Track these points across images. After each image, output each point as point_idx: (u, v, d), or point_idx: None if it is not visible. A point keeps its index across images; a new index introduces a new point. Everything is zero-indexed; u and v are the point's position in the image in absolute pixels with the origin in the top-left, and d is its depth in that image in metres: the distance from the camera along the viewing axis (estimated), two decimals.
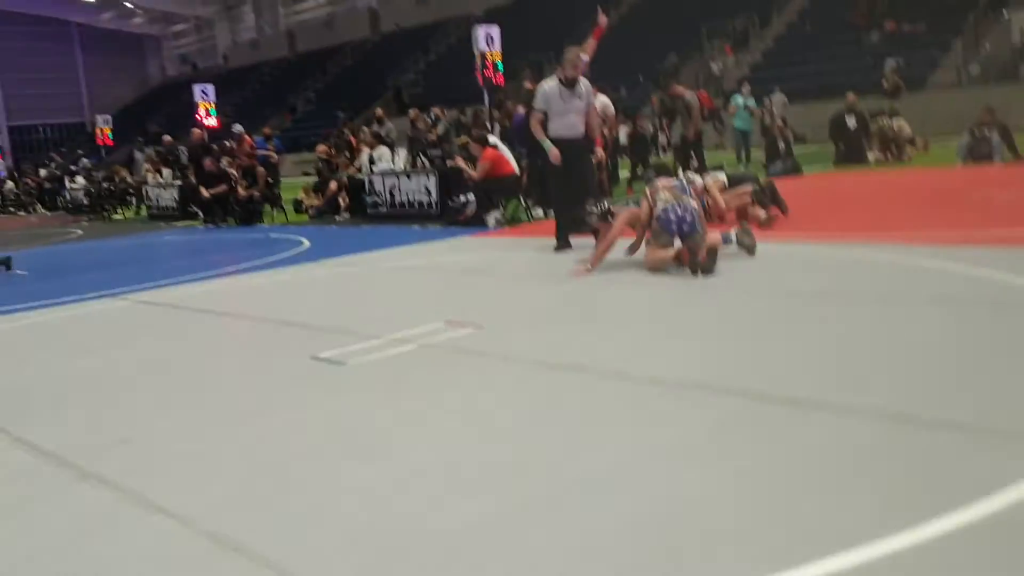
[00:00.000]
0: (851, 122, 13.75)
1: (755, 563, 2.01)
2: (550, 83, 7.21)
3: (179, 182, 15.58)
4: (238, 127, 15.04)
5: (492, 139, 10.31)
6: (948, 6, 22.29)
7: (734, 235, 5.98)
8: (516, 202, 10.18)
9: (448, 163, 10.80)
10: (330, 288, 6.79)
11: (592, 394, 3.40)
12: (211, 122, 17.63)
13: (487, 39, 11.88)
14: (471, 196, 9.95)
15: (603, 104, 10.43)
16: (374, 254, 8.28)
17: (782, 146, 13.32)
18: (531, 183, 9.80)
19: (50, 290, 7.71)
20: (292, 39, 46.97)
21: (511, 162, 9.95)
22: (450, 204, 10.40)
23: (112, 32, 52.94)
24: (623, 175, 13.51)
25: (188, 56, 54.38)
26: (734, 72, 25.08)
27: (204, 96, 17.35)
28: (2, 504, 2.83)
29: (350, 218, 12.36)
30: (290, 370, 4.20)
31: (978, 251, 5.43)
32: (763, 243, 6.49)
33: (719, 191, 7.81)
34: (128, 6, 50.52)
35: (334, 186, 13.08)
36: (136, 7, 50.94)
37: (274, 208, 13.41)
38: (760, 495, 2.36)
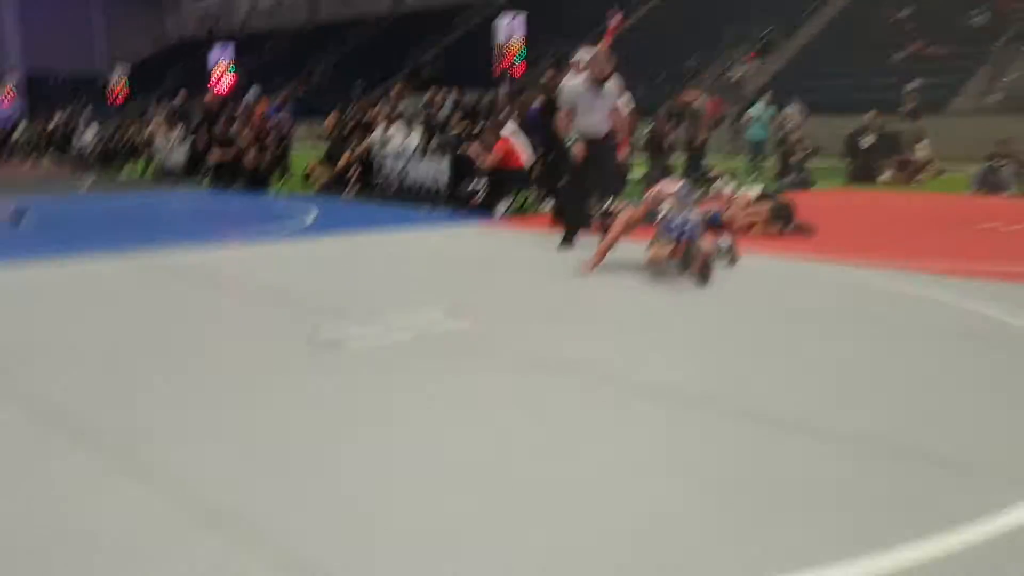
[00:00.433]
0: (868, 140, 13.70)
1: None
2: (575, 80, 7.20)
3: (190, 142, 15.54)
4: (253, 92, 14.99)
5: (508, 129, 10.28)
6: (975, 33, 22.17)
7: (724, 244, 6.09)
8: (526, 194, 10.16)
9: (462, 147, 10.77)
10: (332, 265, 6.80)
11: (580, 398, 3.43)
12: (227, 83, 17.56)
13: (509, 29, 11.80)
14: (482, 182, 9.93)
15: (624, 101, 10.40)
16: (380, 234, 8.28)
17: (796, 158, 13.28)
18: (542, 176, 9.78)
19: (54, 244, 7.72)
20: (313, 7, 46.73)
21: (524, 154, 9.93)
22: (460, 189, 10.39)
23: None
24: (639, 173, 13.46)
25: (208, 16, 54.09)
26: (755, 79, 24.97)
27: (221, 59, 17.27)
28: None
29: (359, 193, 12.34)
30: (286, 349, 4.22)
31: (974, 284, 5.44)
32: (767, 258, 6.50)
33: (742, 206, 7.91)
34: None
35: (345, 159, 13.05)
36: None
37: (283, 176, 13.38)
38: (732, 513, 2.39)
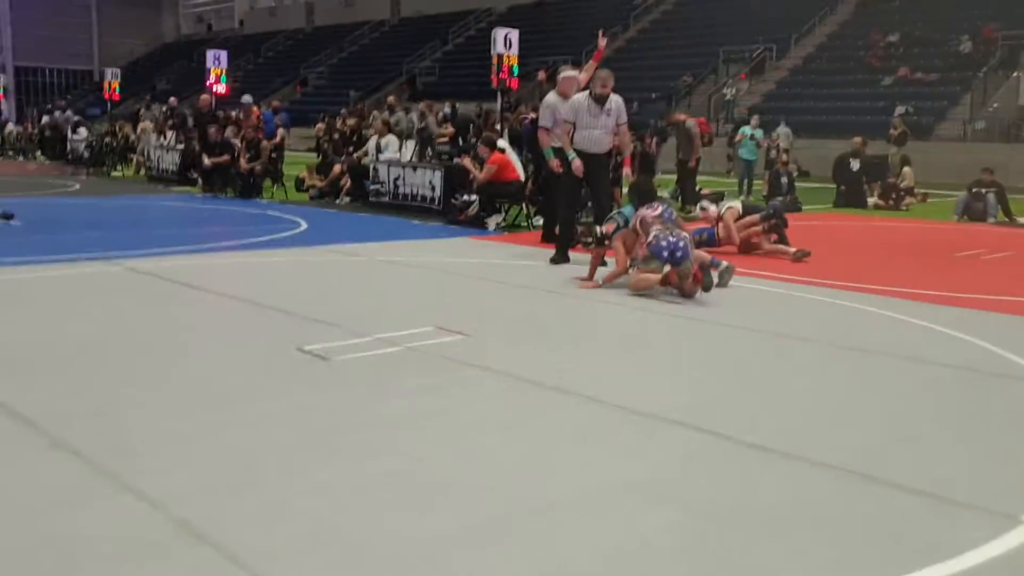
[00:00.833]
0: (855, 165, 13.86)
1: None
2: (578, 96, 7.31)
3: (182, 146, 15.52)
4: (247, 98, 14.99)
5: (501, 143, 10.34)
6: (962, 59, 22.50)
7: (720, 265, 6.17)
8: (519, 208, 10.22)
9: (455, 161, 10.83)
10: (323, 276, 6.82)
11: (566, 417, 3.47)
12: (221, 89, 17.55)
13: (505, 41, 11.90)
14: (475, 197, 9.98)
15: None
16: (371, 245, 8.31)
17: (784, 181, 13.42)
18: (536, 191, 9.84)
19: (42, 246, 7.70)
20: (311, 11, 46.78)
21: (518, 168, 9.99)
22: (453, 202, 10.44)
23: None
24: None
25: (204, 16, 54.04)
26: (746, 99, 25.19)
27: (216, 62, 17.27)
28: None
29: (351, 203, 12.36)
30: (273, 360, 4.24)
31: (957, 312, 5.53)
32: (759, 281, 6.57)
33: (732, 220, 7.99)
34: None
35: (338, 169, 13.07)
36: None
37: (275, 184, 13.39)
38: (713, 540, 2.42)
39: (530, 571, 2.24)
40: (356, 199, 12.36)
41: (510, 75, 11.99)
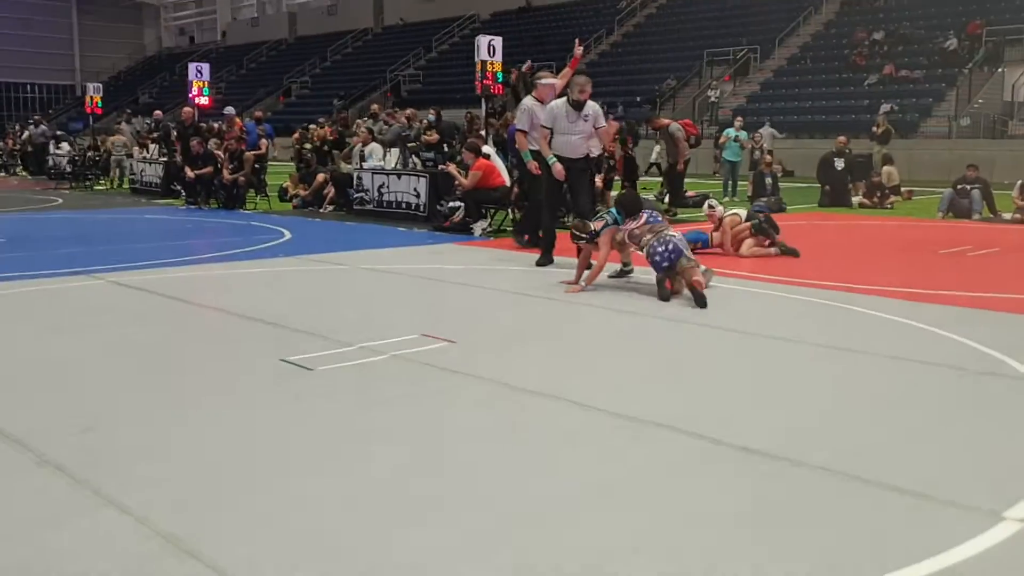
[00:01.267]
0: (839, 164, 13.93)
1: None
2: (556, 101, 7.37)
3: (164, 159, 15.43)
4: (229, 110, 14.94)
5: (486, 149, 10.33)
6: (947, 56, 22.67)
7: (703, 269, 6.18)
8: (504, 214, 10.20)
9: (440, 168, 10.81)
10: (307, 286, 6.77)
11: (553, 423, 3.44)
12: (203, 101, 17.50)
13: (489, 48, 11.92)
14: (460, 203, 9.96)
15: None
16: (356, 253, 8.27)
17: (769, 181, 13.46)
18: (521, 196, 9.83)
19: (24, 261, 7.61)
20: (293, 21, 46.74)
21: (503, 174, 9.98)
22: (438, 208, 10.41)
23: None
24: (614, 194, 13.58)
25: (186, 29, 53.90)
26: (731, 101, 25.31)
27: (199, 75, 17.21)
28: None
29: (334, 211, 12.32)
30: (257, 371, 4.19)
31: (944, 310, 5.54)
32: (747, 283, 6.56)
33: (731, 226, 8.09)
34: None
35: (321, 178, 13.03)
36: None
37: (258, 195, 13.33)
38: (699, 543, 2.40)
39: None
40: (340, 208, 12.32)
41: (494, 81, 12.01)
